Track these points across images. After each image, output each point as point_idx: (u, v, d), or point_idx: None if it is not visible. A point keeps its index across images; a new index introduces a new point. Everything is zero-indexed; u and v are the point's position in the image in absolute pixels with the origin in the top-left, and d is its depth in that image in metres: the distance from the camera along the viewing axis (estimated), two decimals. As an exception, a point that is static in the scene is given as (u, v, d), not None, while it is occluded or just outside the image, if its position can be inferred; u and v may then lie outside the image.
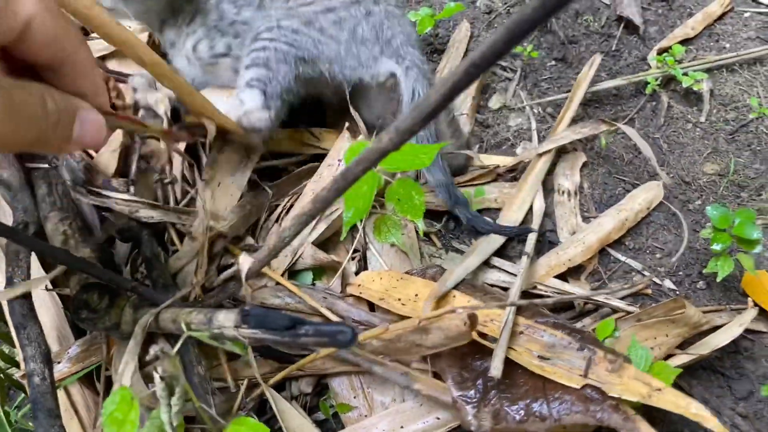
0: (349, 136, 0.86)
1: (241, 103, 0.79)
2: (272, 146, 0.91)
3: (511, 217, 0.88)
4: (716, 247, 0.76)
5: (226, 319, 0.50)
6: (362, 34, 0.87)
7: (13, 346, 0.77)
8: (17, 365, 0.88)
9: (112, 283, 0.73)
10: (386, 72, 0.88)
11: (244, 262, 0.67)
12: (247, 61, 0.81)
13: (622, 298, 0.80)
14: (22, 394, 0.91)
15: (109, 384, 0.75)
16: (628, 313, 0.73)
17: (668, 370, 0.61)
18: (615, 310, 0.76)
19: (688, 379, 0.75)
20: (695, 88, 1.01)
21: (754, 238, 0.74)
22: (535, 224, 0.86)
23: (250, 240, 0.86)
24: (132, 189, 0.77)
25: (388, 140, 0.41)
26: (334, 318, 0.72)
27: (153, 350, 0.51)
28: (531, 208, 0.89)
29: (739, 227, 0.75)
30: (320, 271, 0.84)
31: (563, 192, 0.93)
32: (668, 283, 0.83)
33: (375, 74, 0.88)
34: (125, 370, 0.60)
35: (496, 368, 0.62)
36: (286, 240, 0.60)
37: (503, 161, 0.94)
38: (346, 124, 0.88)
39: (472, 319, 0.59)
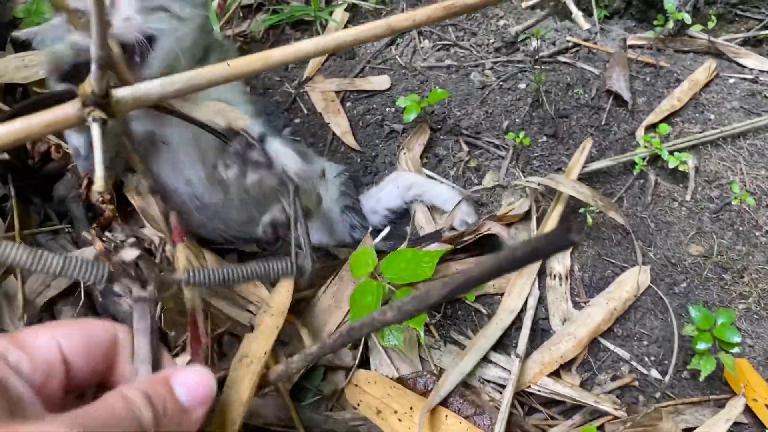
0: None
1: None
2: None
3: (511, 305, 0.92)
4: (700, 346, 0.81)
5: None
6: None
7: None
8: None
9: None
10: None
11: None
12: None
13: (610, 391, 0.85)
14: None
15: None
16: (615, 417, 0.78)
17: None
18: (603, 413, 0.80)
19: (673, 474, 0.80)
20: (681, 168, 1.05)
21: (733, 341, 0.79)
22: (529, 316, 0.90)
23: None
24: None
25: (392, 316, 0.49)
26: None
27: None
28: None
29: (721, 330, 0.80)
30: (329, 369, 0.88)
31: (555, 276, 0.97)
32: (654, 373, 0.88)
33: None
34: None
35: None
36: (292, 371, 0.65)
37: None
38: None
39: None
